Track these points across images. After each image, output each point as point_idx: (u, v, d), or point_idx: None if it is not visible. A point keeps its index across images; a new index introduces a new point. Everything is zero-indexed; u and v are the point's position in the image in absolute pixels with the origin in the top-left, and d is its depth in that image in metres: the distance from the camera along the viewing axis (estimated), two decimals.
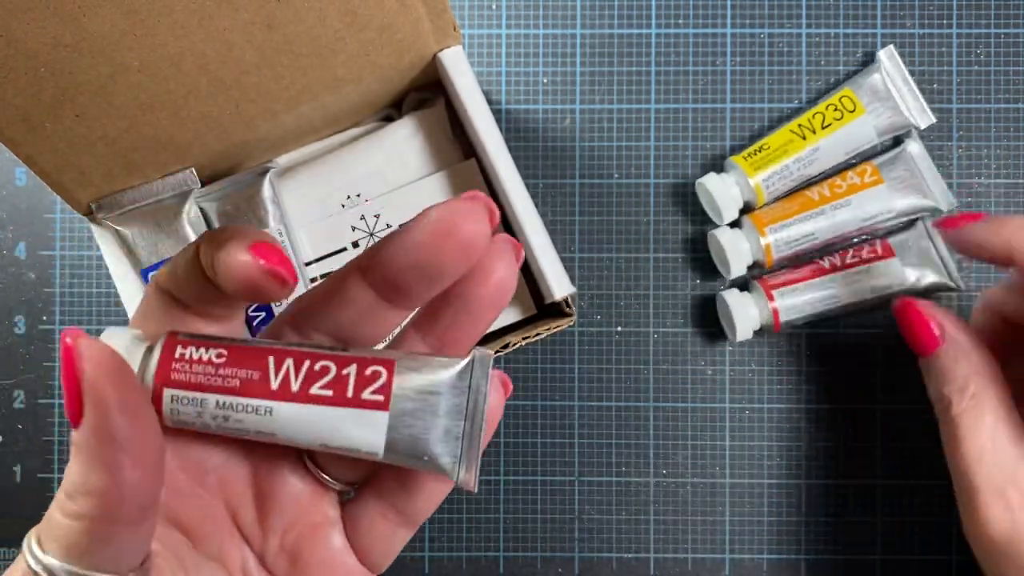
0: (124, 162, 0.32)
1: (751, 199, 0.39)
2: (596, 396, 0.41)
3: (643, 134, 0.41)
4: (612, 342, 0.41)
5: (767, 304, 0.38)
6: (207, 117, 0.32)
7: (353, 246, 0.36)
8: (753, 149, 0.39)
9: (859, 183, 0.38)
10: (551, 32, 0.41)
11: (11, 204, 0.41)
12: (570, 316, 0.33)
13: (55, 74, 0.27)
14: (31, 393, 0.41)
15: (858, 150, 0.39)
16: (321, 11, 0.29)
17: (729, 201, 0.38)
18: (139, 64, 0.28)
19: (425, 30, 0.32)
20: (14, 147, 0.29)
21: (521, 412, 0.41)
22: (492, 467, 0.41)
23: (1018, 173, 0.41)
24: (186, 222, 0.34)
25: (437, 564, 0.41)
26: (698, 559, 0.40)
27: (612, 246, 0.41)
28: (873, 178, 0.38)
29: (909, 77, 0.39)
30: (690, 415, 0.41)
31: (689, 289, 0.41)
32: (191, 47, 0.28)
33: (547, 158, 0.41)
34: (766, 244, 0.38)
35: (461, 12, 0.41)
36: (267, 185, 0.35)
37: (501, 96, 0.41)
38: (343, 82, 0.33)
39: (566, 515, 0.41)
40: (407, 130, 0.37)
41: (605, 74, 0.41)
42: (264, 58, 0.30)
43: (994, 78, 0.41)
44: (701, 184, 0.39)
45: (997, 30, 0.41)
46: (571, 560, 0.41)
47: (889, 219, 0.38)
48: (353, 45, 0.31)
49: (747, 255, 0.38)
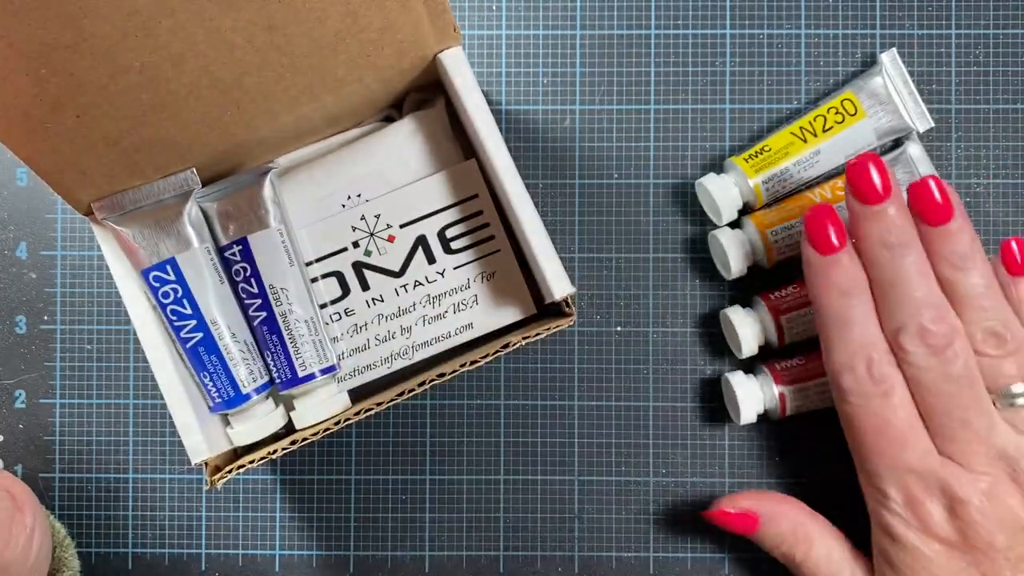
0: (125, 162, 0.32)
1: (751, 200, 0.39)
2: (596, 396, 0.41)
3: (643, 134, 0.41)
4: (612, 342, 0.41)
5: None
6: (208, 117, 0.32)
7: (353, 246, 0.36)
8: (754, 151, 0.39)
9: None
10: (551, 33, 0.41)
11: (12, 204, 0.42)
12: (570, 316, 0.33)
13: (56, 75, 0.27)
14: (32, 393, 0.41)
15: (857, 153, 0.39)
16: (322, 12, 0.29)
17: (728, 202, 0.38)
18: (140, 65, 0.28)
19: (425, 31, 0.32)
20: (15, 147, 0.29)
21: (521, 412, 0.41)
22: (492, 467, 0.41)
23: (1018, 173, 0.41)
24: (187, 222, 0.34)
25: (437, 563, 0.41)
26: (698, 558, 0.40)
27: (612, 246, 0.41)
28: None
29: (910, 81, 0.39)
30: (689, 415, 0.41)
31: (689, 289, 0.41)
32: (192, 48, 0.28)
33: (547, 158, 0.41)
34: (767, 245, 0.38)
35: (461, 13, 0.41)
36: (268, 185, 0.35)
37: (501, 97, 0.41)
38: (344, 83, 0.33)
39: (566, 515, 0.41)
40: (407, 130, 0.37)
41: (605, 75, 0.41)
42: (265, 59, 0.30)
43: (993, 79, 0.41)
44: (700, 184, 0.39)
45: (997, 31, 0.41)
46: (571, 559, 0.41)
47: None
48: (354, 46, 0.31)
49: (748, 256, 0.38)
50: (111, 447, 0.41)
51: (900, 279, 0.32)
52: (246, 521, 0.41)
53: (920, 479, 0.32)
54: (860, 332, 0.33)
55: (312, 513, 0.41)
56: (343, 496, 0.41)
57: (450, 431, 0.41)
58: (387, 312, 0.37)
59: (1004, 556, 0.31)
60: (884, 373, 0.32)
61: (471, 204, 0.36)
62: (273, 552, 0.41)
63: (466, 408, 0.41)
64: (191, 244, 0.34)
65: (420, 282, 0.36)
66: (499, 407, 0.41)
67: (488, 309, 0.36)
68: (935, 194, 0.33)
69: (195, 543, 0.41)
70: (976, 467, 0.32)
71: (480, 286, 0.36)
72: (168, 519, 0.41)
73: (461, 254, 0.36)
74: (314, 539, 0.41)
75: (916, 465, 0.32)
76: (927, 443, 0.32)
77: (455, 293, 0.36)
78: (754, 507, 0.37)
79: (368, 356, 0.37)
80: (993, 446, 0.32)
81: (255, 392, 0.35)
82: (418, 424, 0.41)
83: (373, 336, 0.37)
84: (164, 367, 0.34)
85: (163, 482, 0.41)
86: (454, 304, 0.36)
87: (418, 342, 0.37)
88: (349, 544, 0.41)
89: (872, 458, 0.33)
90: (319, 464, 0.41)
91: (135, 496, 0.41)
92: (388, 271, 0.37)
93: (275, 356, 0.35)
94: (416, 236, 0.36)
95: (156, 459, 0.41)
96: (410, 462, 0.41)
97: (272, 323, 0.35)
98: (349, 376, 0.37)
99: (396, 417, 0.41)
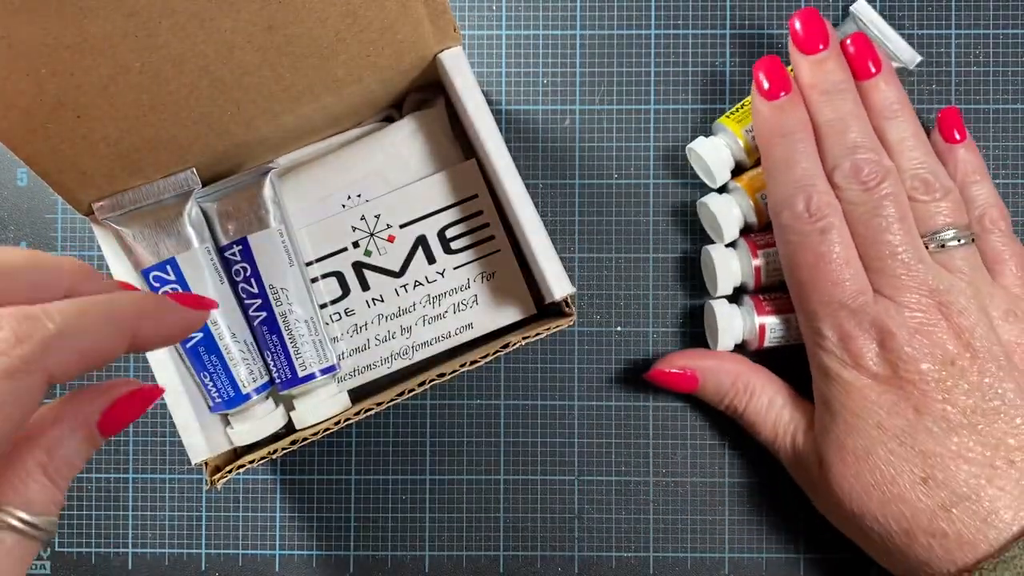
0: (125, 162, 0.32)
1: (742, 159, 0.39)
2: (596, 396, 0.41)
3: (643, 134, 0.41)
4: (612, 342, 0.41)
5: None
6: (208, 118, 0.32)
7: (353, 246, 0.36)
8: (736, 107, 0.39)
9: None
10: (551, 33, 0.41)
11: (12, 204, 0.42)
12: (570, 316, 0.33)
13: (57, 75, 0.27)
14: None
15: None
16: (322, 13, 0.29)
17: (720, 163, 0.39)
18: (140, 65, 0.28)
19: (426, 31, 0.32)
20: (15, 147, 0.29)
21: (521, 412, 0.41)
22: (492, 467, 0.41)
23: (1018, 173, 0.41)
24: (187, 222, 0.34)
25: (437, 563, 0.41)
26: (698, 558, 0.40)
27: (612, 246, 0.41)
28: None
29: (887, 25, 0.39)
30: (689, 414, 0.41)
31: (689, 289, 0.41)
32: (192, 48, 0.28)
33: (547, 158, 0.41)
34: (757, 207, 0.38)
35: (461, 13, 0.41)
36: (268, 185, 0.35)
37: (501, 97, 0.41)
38: (344, 83, 0.33)
39: (566, 514, 0.41)
40: (407, 130, 0.37)
41: (605, 75, 0.41)
42: (265, 59, 0.30)
43: (993, 79, 0.41)
44: (692, 149, 0.39)
45: (997, 30, 0.41)
46: (571, 559, 0.41)
47: None
48: (354, 46, 0.31)
49: (739, 219, 0.38)
50: (111, 447, 0.41)
51: (837, 122, 0.34)
52: (246, 521, 0.41)
53: (852, 315, 0.33)
54: (801, 170, 0.34)
55: (312, 513, 0.41)
56: (343, 496, 0.41)
57: (450, 431, 0.41)
58: (387, 312, 0.37)
59: (934, 388, 0.32)
60: (821, 209, 0.33)
61: (471, 204, 0.36)
62: (273, 552, 0.41)
63: (466, 408, 0.41)
64: (191, 244, 0.34)
65: (420, 282, 0.36)
66: (499, 407, 0.41)
67: (488, 309, 0.36)
68: (866, 49, 0.36)
69: (195, 543, 0.41)
70: (907, 301, 0.32)
71: (480, 286, 0.36)
72: (168, 519, 0.41)
73: (461, 254, 0.36)
74: (314, 539, 0.41)
75: (849, 301, 0.33)
76: (862, 281, 0.33)
77: (455, 293, 0.36)
78: (692, 364, 0.38)
79: (368, 356, 0.37)
80: (924, 282, 0.32)
81: (255, 392, 0.35)
82: (418, 424, 0.41)
83: (373, 336, 0.37)
84: (165, 367, 0.34)
85: (163, 482, 0.41)
86: (454, 304, 0.36)
87: (418, 342, 0.37)
88: (349, 544, 0.41)
89: (810, 295, 0.34)
90: (319, 464, 0.41)
91: (135, 496, 0.41)
92: (388, 271, 0.37)
93: (275, 356, 0.35)
94: (416, 236, 0.36)
95: (156, 459, 0.41)
96: (410, 462, 0.41)
97: (272, 323, 0.35)
98: (349, 376, 0.37)
99: (396, 417, 0.41)
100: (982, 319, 0.32)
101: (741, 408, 0.37)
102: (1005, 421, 0.31)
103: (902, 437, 0.32)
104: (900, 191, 0.33)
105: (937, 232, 0.34)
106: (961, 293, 0.32)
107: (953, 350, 0.32)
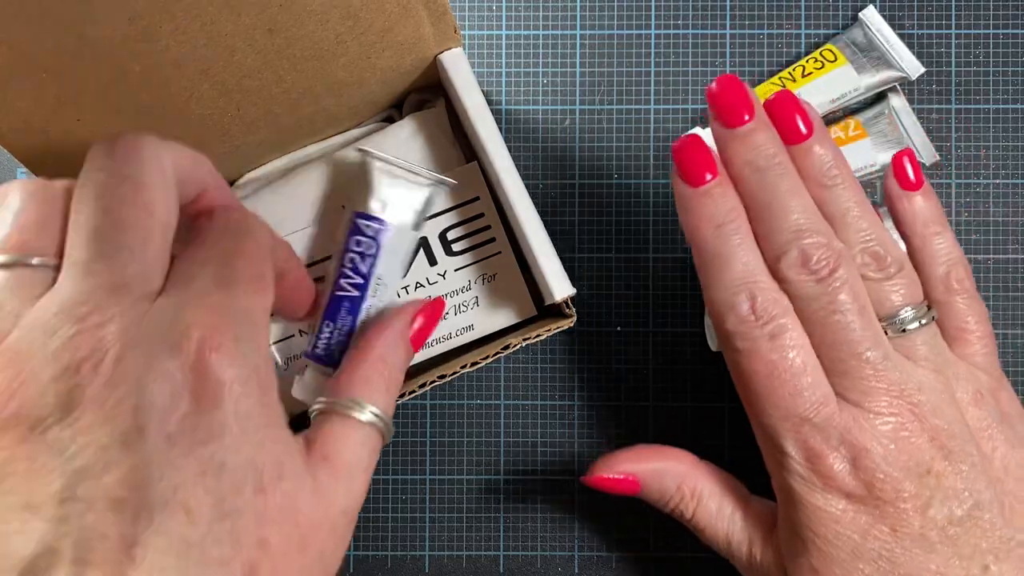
0: None
1: None
2: (596, 396, 0.41)
3: (643, 134, 0.41)
4: (612, 342, 0.41)
5: None
6: (208, 120, 0.32)
7: None
8: None
9: (843, 137, 0.39)
10: (551, 33, 0.41)
11: None
12: (570, 317, 0.33)
13: (57, 78, 0.27)
14: None
15: (843, 98, 0.39)
16: (322, 15, 0.29)
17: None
18: (141, 69, 0.28)
19: (426, 33, 0.32)
20: (15, 150, 0.29)
21: (521, 412, 0.41)
22: (492, 466, 0.41)
23: (1018, 173, 0.41)
24: None
25: (437, 563, 0.41)
26: (698, 558, 0.41)
27: (612, 246, 0.41)
28: (857, 132, 0.39)
29: (893, 34, 0.39)
30: (690, 415, 0.41)
31: (689, 289, 0.41)
32: (193, 52, 0.28)
33: (547, 159, 0.41)
34: None
35: (461, 14, 0.41)
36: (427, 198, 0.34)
37: (501, 97, 0.41)
38: (344, 85, 0.33)
39: (566, 514, 0.41)
40: (408, 131, 0.37)
41: (605, 75, 0.41)
42: (266, 62, 0.30)
43: (993, 79, 0.41)
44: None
45: (997, 30, 0.41)
46: (571, 559, 0.41)
47: (872, 172, 0.39)
48: (354, 48, 0.31)
49: None
50: None
51: (775, 202, 0.30)
52: None
53: (818, 430, 0.29)
54: (741, 266, 0.30)
55: None
56: None
57: (450, 431, 0.41)
58: None
59: (912, 506, 0.29)
60: (769, 310, 0.29)
61: (473, 206, 0.36)
62: None
63: (466, 408, 0.41)
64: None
65: (421, 283, 0.37)
66: (499, 407, 0.41)
67: (489, 311, 0.37)
68: (793, 109, 0.31)
69: None
70: (876, 407, 0.29)
71: (481, 288, 0.37)
72: None
73: (462, 256, 0.36)
74: None
75: (812, 414, 0.29)
76: (823, 388, 0.29)
77: (456, 295, 0.36)
78: (634, 468, 0.34)
79: None
80: (894, 382, 0.29)
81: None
82: (418, 424, 0.41)
83: None
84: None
85: None
86: (455, 306, 0.37)
87: None
88: (349, 544, 0.41)
89: (767, 410, 0.30)
90: None
91: None
92: None
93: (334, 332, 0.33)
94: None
95: None
96: (410, 462, 0.41)
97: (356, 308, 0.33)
98: None
99: (396, 417, 0.41)
100: (955, 415, 0.30)
101: (688, 514, 0.34)
102: (978, 524, 0.29)
103: (879, 562, 0.29)
104: (854, 276, 0.30)
105: (895, 315, 0.30)
106: (932, 390, 0.30)
107: (928, 457, 0.29)
